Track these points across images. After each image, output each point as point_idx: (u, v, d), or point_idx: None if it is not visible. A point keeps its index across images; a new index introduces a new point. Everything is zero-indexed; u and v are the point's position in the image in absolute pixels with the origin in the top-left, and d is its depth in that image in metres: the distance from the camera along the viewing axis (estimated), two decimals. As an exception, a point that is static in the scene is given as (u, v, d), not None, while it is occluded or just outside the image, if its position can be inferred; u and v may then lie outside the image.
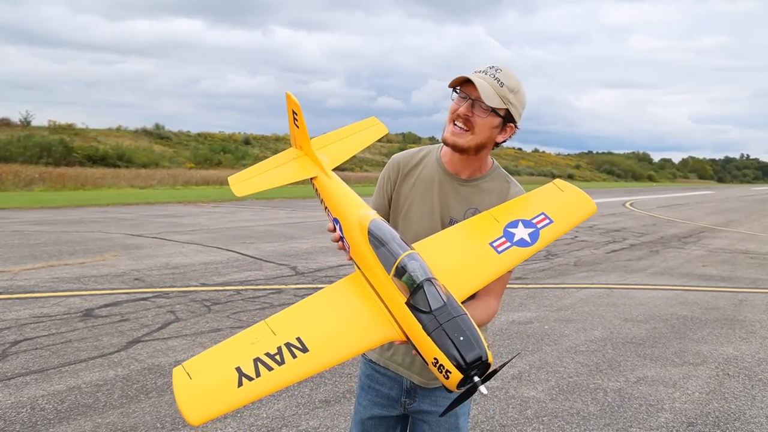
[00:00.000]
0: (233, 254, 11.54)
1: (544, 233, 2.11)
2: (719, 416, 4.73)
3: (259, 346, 1.80)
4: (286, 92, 2.40)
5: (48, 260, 10.30)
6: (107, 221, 16.59)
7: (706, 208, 31.95)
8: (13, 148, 33.15)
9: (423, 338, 1.78)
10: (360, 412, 2.42)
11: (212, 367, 1.77)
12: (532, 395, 5.04)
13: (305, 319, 1.92)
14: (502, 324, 7.19)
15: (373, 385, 2.38)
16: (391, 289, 1.87)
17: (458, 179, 2.26)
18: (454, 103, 2.13)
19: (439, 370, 1.76)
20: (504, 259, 2.05)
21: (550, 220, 2.14)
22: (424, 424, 2.34)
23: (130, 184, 31.03)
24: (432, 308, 1.77)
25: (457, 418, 2.33)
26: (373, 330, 1.89)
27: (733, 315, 8.02)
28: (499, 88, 2.06)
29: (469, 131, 2.11)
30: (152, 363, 5.52)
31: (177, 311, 7.27)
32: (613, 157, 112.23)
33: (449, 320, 1.76)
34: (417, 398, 2.32)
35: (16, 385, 4.95)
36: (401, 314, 1.84)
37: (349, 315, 1.94)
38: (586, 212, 2.23)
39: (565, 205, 2.21)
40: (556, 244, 14.55)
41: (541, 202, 2.21)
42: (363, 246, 2.00)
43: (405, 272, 1.83)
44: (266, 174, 2.42)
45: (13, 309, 7.16)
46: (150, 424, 4.32)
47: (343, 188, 2.25)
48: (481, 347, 1.75)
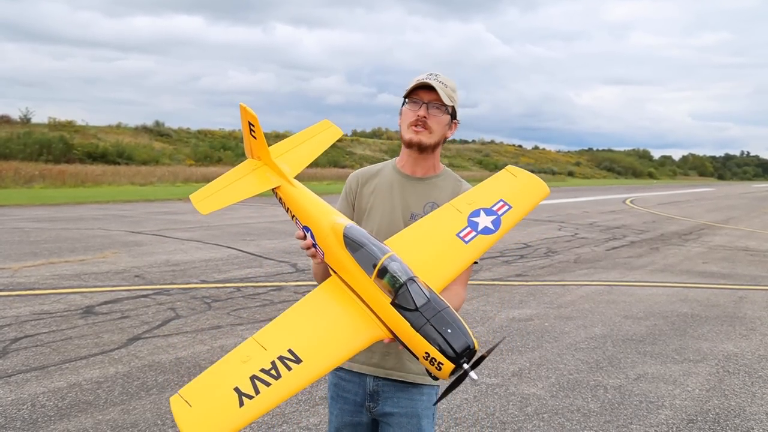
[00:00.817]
0: (233, 251, 11.55)
1: (505, 219, 2.24)
2: (719, 413, 4.73)
3: (252, 363, 1.81)
4: (240, 104, 2.41)
5: (48, 257, 10.30)
6: (107, 218, 16.59)
7: (706, 205, 31.95)
8: (13, 145, 33.09)
9: (412, 335, 1.85)
10: (333, 422, 2.49)
11: (210, 391, 1.76)
12: (532, 392, 5.04)
13: (292, 329, 1.94)
14: (502, 321, 7.19)
15: (340, 394, 2.46)
16: (374, 290, 1.94)
17: (415, 178, 2.44)
18: (408, 110, 2.36)
19: (431, 363, 1.84)
20: (471, 248, 2.17)
21: (509, 206, 2.27)
22: (388, 427, 2.39)
23: (130, 181, 31.02)
24: (418, 306, 1.85)
25: (419, 420, 2.37)
26: (361, 332, 1.94)
27: (733, 312, 8.02)
28: (445, 89, 2.31)
29: (428, 130, 2.34)
30: (153, 360, 5.52)
31: (177, 308, 7.27)
32: (613, 154, 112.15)
33: (435, 315, 1.84)
34: (380, 401, 2.38)
35: (17, 382, 4.95)
36: (387, 314, 1.91)
37: (334, 320, 1.98)
38: (541, 195, 2.38)
39: (521, 190, 2.35)
40: (556, 241, 14.55)
41: (499, 189, 2.35)
42: (339, 251, 2.06)
43: (387, 273, 1.91)
44: (228, 188, 2.40)
45: (13, 306, 7.16)
46: (151, 421, 4.32)
47: (310, 196, 2.30)
48: (468, 336, 1.84)
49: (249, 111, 2.38)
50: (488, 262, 11.23)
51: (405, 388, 2.37)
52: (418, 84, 2.31)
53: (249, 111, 2.38)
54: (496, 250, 12.56)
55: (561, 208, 25.52)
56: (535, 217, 20.95)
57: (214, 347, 5.90)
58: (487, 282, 9.47)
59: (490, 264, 11.09)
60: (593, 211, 24.83)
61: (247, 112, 2.38)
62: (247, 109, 2.38)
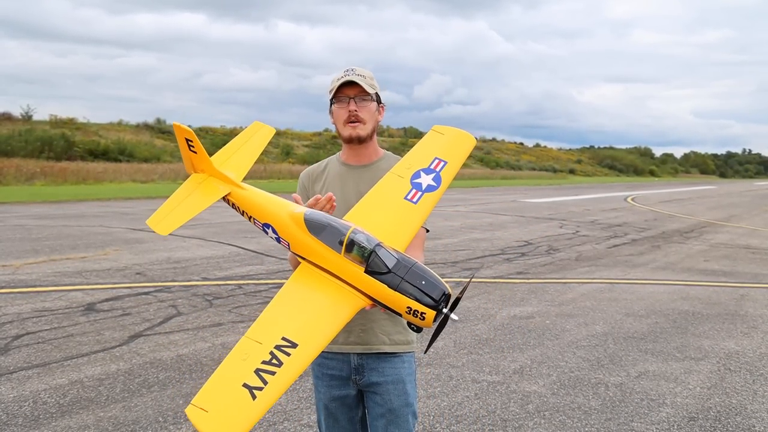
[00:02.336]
0: (235, 249, 11.56)
1: (444, 174, 2.44)
2: (720, 411, 4.73)
3: (252, 359, 1.90)
4: (173, 123, 2.47)
5: (50, 254, 10.31)
6: (109, 216, 16.61)
7: (707, 203, 31.91)
8: (15, 143, 33.12)
9: (391, 294, 2.03)
10: (321, 399, 2.64)
11: (221, 393, 1.83)
12: (533, 390, 5.04)
13: (280, 319, 2.05)
14: (503, 319, 7.19)
15: (325, 372, 2.61)
16: (346, 264, 2.09)
17: (360, 166, 2.62)
18: (338, 108, 2.52)
19: (414, 315, 2.03)
20: (421, 206, 2.35)
21: (444, 162, 2.47)
22: (375, 395, 2.55)
23: (131, 178, 31.06)
24: (390, 267, 2.04)
25: (404, 385, 2.55)
26: (343, 305, 2.09)
27: (735, 310, 8.02)
28: (365, 80, 2.48)
29: (361, 122, 2.51)
30: (154, 357, 5.53)
31: (179, 305, 7.28)
32: (614, 152, 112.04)
33: (407, 272, 2.04)
34: (365, 373, 2.54)
35: (19, 379, 4.96)
36: (363, 282, 2.07)
37: (316, 301, 2.11)
38: (469, 146, 2.59)
39: (451, 146, 2.55)
40: (557, 239, 14.54)
41: (431, 149, 2.53)
42: (304, 237, 2.18)
43: (354, 245, 2.07)
44: (180, 207, 2.45)
45: (15, 303, 7.18)
46: (152, 417, 4.33)
47: (262, 195, 2.38)
48: (441, 284, 2.04)
49: (183, 128, 2.42)
50: (489, 260, 11.23)
51: (387, 358, 2.54)
52: (341, 83, 2.46)
53: (183, 128, 2.42)
54: (498, 248, 12.57)
55: (562, 206, 25.51)
56: (537, 214, 20.96)
57: (215, 344, 5.91)
58: (488, 280, 9.47)
59: (491, 262, 11.09)
60: (594, 208, 24.81)
61: (182, 129, 2.42)
62: (181, 126, 2.42)
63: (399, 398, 2.53)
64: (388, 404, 2.52)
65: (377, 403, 2.54)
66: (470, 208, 22.62)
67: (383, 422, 2.53)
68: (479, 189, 38.54)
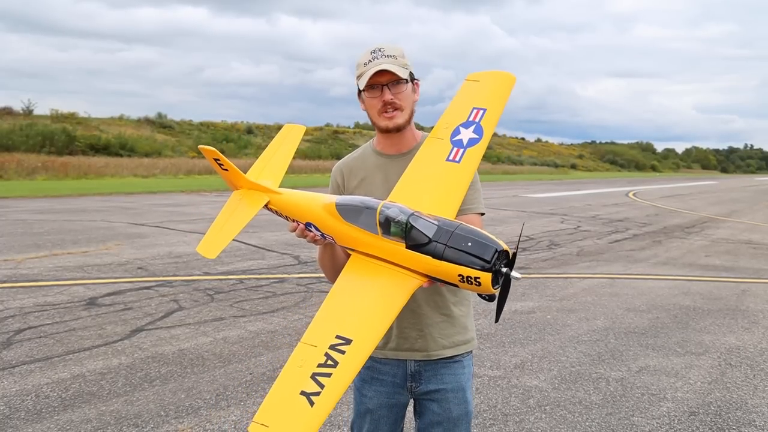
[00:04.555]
0: (236, 243, 11.56)
1: (485, 123, 2.27)
2: (721, 405, 4.74)
3: (308, 364, 1.84)
4: (200, 147, 2.50)
5: (51, 249, 10.33)
6: (110, 210, 16.62)
7: (709, 198, 31.87)
8: (16, 137, 33.10)
9: (438, 265, 1.89)
10: (365, 404, 2.44)
11: (280, 406, 1.80)
12: (534, 384, 5.05)
13: (332, 318, 1.97)
14: (504, 313, 7.18)
15: (376, 376, 2.42)
16: (388, 244, 1.97)
17: (398, 156, 2.40)
18: (370, 98, 2.29)
19: (469, 283, 1.86)
20: (465, 164, 2.21)
21: (483, 110, 2.29)
22: (433, 403, 2.38)
23: (132, 173, 31.04)
24: (430, 237, 1.90)
25: (465, 392, 2.39)
26: (396, 289, 1.97)
27: (736, 305, 8.02)
28: (396, 61, 2.25)
29: (399, 110, 2.29)
30: (156, 351, 5.54)
31: (180, 300, 7.29)
32: (616, 147, 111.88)
33: (450, 236, 1.88)
34: (423, 380, 2.37)
35: (21, 373, 4.97)
36: (409, 259, 1.94)
37: (368, 292, 2.01)
38: (509, 85, 2.37)
39: (489, 90, 2.35)
40: (558, 234, 14.54)
41: (467, 99, 2.34)
42: (342, 227, 2.09)
43: (389, 222, 1.95)
44: (226, 227, 2.46)
45: (17, 297, 7.19)
46: (154, 412, 4.34)
47: (298, 194, 2.33)
48: (491, 241, 1.86)
49: (209, 150, 2.43)
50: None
51: (447, 364, 2.38)
52: (376, 71, 2.24)
53: (209, 150, 2.43)
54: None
55: (563, 201, 25.48)
56: (538, 209, 20.95)
57: (216, 339, 5.92)
58: (489, 274, 9.46)
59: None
60: (596, 203, 24.79)
61: (209, 151, 2.44)
62: (207, 148, 2.44)
63: (459, 407, 2.38)
64: (447, 413, 2.37)
65: (435, 411, 2.38)
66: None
67: (440, 430, 2.38)
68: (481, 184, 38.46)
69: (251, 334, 6.08)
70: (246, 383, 4.90)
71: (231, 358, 5.43)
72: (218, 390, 4.75)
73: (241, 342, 5.86)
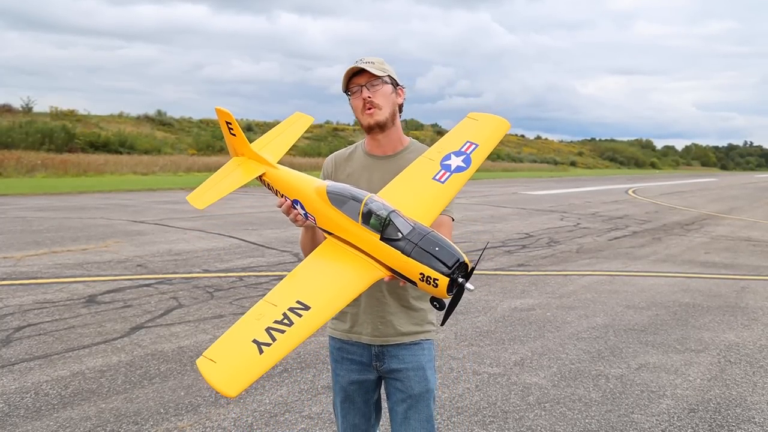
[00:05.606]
0: (235, 241, 11.56)
1: (474, 156, 2.47)
2: (720, 402, 4.74)
3: (265, 319, 1.97)
4: (216, 107, 2.61)
5: (51, 246, 10.32)
6: (109, 208, 16.61)
7: (708, 195, 31.88)
8: (15, 135, 33.05)
9: (405, 261, 2.04)
10: (339, 382, 2.69)
11: (230, 348, 1.92)
12: (534, 381, 5.06)
13: (298, 284, 2.12)
14: (504, 311, 7.20)
15: (345, 356, 2.66)
16: (364, 233, 2.12)
17: (383, 158, 2.61)
18: (354, 99, 2.53)
19: (427, 283, 2.02)
20: (449, 186, 2.39)
21: (476, 145, 2.50)
22: (396, 381, 2.59)
23: (132, 170, 31.03)
24: (404, 234, 2.06)
25: (425, 371, 2.59)
26: (360, 275, 2.12)
27: (735, 302, 8.02)
28: (373, 65, 2.49)
29: (377, 108, 2.50)
30: (155, 349, 5.54)
31: (180, 297, 7.29)
32: (615, 144, 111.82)
33: (422, 239, 2.05)
34: (386, 359, 2.58)
35: (20, 370, 4.98)
36: (380, 251, 2.10)
37: (335, 270, 2.16)
38: (503, 130, 2.62)
39: (484, 130, 2.58)
40: (558, 231, 14.55)
41: (464, 133, 2.56)
42: (327, 210, 2.23)
43: (371, 214, 2.11)
44: (220, 185, 2.61)
45: (16, 295, 7.19)
46: (153, 409, 4.35)
47: (294, 173, 2.47)
48: (456, 252, 2.02)
49: (224, 111, 2.55)
50: (490, 252, 11.23)
51: (407, 346, 2.58)
52: (349, 74, 2.50)
53: (224, 111, 2.55)
54: (498, 240, 12.56)
55: (563, 198, 25.49)
56: (538, 207, 20.95)
57: (216, 336, 5.91)
58: (488, 272, 9.48)
59: (492, 254, 11.09)
60: (595, 201, 24.80)
61: (223, 112, 2.56)
62: (222, 109, 2.55)
63: (420, 384, 2.57)
64: (409, 390, 2.57)
65: (398, 389, 2.59)
66: (471, 201, 22.62)
67: (404, 407, 2.58)
68: (480, 181, 38.49)
69: (251, 332, 6.07)
70: (245, 380, 4.89)
71: (230, 356, 5.42)
72: (218, 387, 4.74)
73: (240, 339, 5.85)
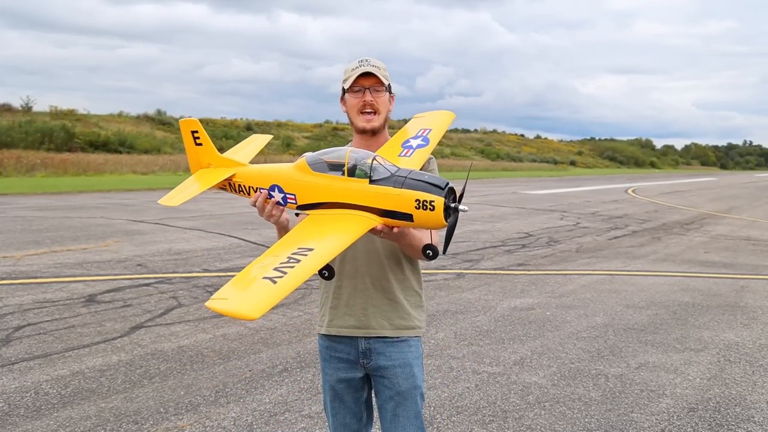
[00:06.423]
0: (235, 240, 11.56)
1: (431, 136, 2.65)
2: (720, 401, 4.74)
3: (269, 264, 1.98)
4: (180, 120, 2.70)
5: (50, 246, 10.32)
6: (109, 207, 16.62)
7: (708, 194, 31.89)
8: (15, 134, 33.04)
9: (398, 193, 2.13)
10: (328, 380, 2.70)
11: (242, 286, 1.90)
12: (533, 381, 5.06)
13: (295, 237, 2.17)
14: (504, 310, 7.20)
15: (333, 354, 2.67)
16: (352, 184, 2.20)
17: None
18: (352, 98, 2.56)
19: (423, 208, 2.11)
20: (415, 158, 2.52)
21: (429, 129, 2.70)
22: (383, 379, 2.60)
23: (132, 170, 31.04)
24: (392, 172, 2.18)
25: (412, 368, 2.60)
26: (353, 223, 2.18)
27: (735, 301, 8.03)
28: (380, 71, 2.55)
29: (376, 113, 2.58)
30: (155, 348, 5.55)
31: (179, 297, 7.29)
32: (615, 144, 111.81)
33: (409, 173, 2.17)
34: (373, 357, 2.59)
35: (20, 369, 4.98)
36: (371, 196, 2.17)
37: (329, 223, 2.22)
38: (448, 118, 2.83)
39: (433, 119, 2.80)
40: (558, 231, 14.54)
41: (416, 125, 2.76)
42: (311, 179, 2.29)
43: (355, 168, 2.20)
44: (191, 188, 2.72)
45: (16, 294, 7.19)
46: (153, 408, 4.35)
47: (266, 165, 2.55)
48: (442, 178, 2.16)
49: (190, 121, 2.63)
50: (490, 252, 11.23)
51: (394, 343, 2.59)
52: (358, 74, 2.51)
53: (190, 121, 2.63)
54: (498, 240, 12.57)
55: (563, 198, 25.49)
56: (537, 206, 20.95)
57: (216, 336, 5.92)
58: (488, 271, 9.48)
59: (491, 253, 11.10)
60: (595, 200, 24.80)
61: (188, 122, 2.63)
62: (187, 120, 2.64)
63: (407, 381, 2.58)
64: (396, 387, 2.58)
65: (385, 386, 2.60)
66: (471, 200, 22.62)
67: (392, 405, 2.59)
68: (480, 181, 38.49)
69: (250, 331, 6.09)
70: (245, 380, 4.90)
71: (230, 355, 5.43)
72: (218, 387, 4.75)
73: (240, 339, 5.86)
